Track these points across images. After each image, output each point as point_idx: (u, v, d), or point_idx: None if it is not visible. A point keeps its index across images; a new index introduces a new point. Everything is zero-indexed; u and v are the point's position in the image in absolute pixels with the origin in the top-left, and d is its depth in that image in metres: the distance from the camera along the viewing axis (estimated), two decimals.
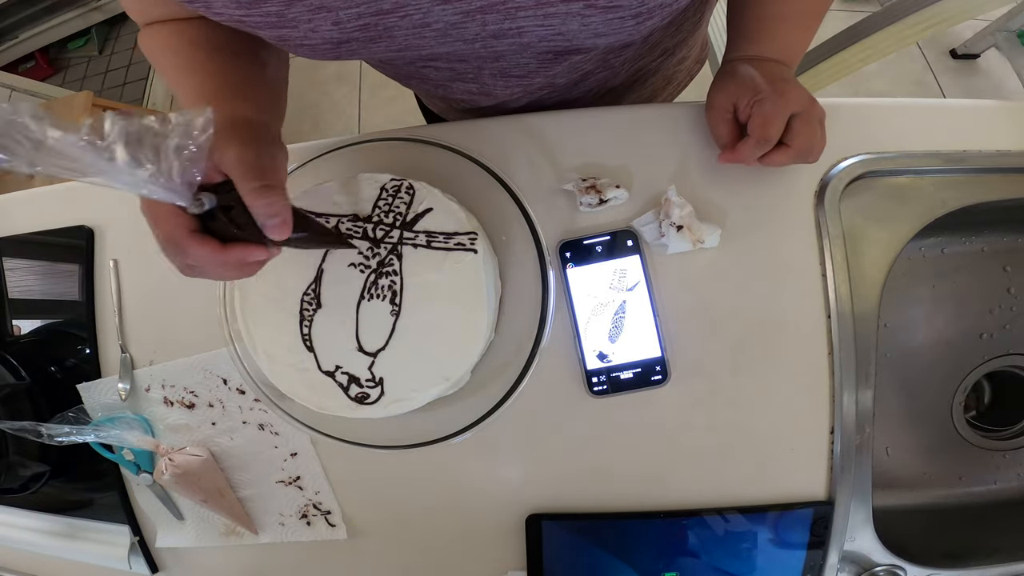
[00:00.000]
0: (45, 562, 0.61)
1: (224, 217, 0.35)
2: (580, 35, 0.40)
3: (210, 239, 0.35)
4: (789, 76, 0.50)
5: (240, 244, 0.36)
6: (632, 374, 0.53)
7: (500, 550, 0.55)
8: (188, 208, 0.33)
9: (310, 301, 0.49)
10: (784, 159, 0.48)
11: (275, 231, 0.35)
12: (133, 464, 0.57)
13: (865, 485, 0.53)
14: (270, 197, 0.35)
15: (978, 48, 1.68)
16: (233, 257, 0.36)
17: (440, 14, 0.39)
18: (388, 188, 0.50)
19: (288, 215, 0.36)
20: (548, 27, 0.40)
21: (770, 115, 0.46)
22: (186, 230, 0.35)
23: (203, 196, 0.34)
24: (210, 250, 0.35)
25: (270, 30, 0.39)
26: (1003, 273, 0.70)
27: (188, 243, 0.35)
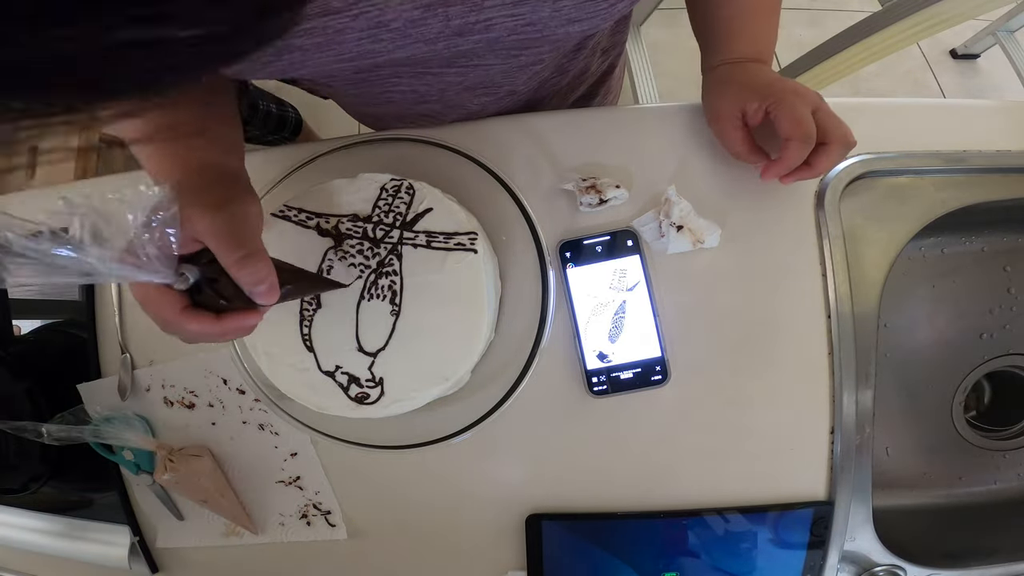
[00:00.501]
0: (45, 562, 0.61)
1: (210, 290, 0.35)
2: (552, 23, 0.38)
3: (203, 314, 0.35)
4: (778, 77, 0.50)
5: (233, 313, 0.36)
6: (632, 374, 0.53)
7: (500, 550, 0.55)
8: (173, 285, 0.33)
9: (310, 301, 0.49)
10: (834, 157, 0.46)
11: (263, 297, 0.35)
12: (133, 464, 0.57)
13: (865, 485, 0.53)
14: (253, 266, 0.34)
15: (978, 48, 1.68)
16: (230, 327, 0.36)
17: (399, 10, 0.35)
18: (388, 188, 0.50)
19: (273, 278, 0.35)
20: (517, 17, 0.37)
21: (800, 113, 0.45)
22: (178, 308, 0.34)
23: (185, 270, 0.33)
24: (206, 325, 0.35)
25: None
26: (1003, 273, 0.70)
27: (182, 321, 0.34)
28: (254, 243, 0.35)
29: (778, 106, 0.46)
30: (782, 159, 0.47)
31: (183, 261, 0.33)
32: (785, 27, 1.88)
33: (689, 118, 0.56)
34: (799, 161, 0.46)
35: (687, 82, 1.40)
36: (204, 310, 0.35)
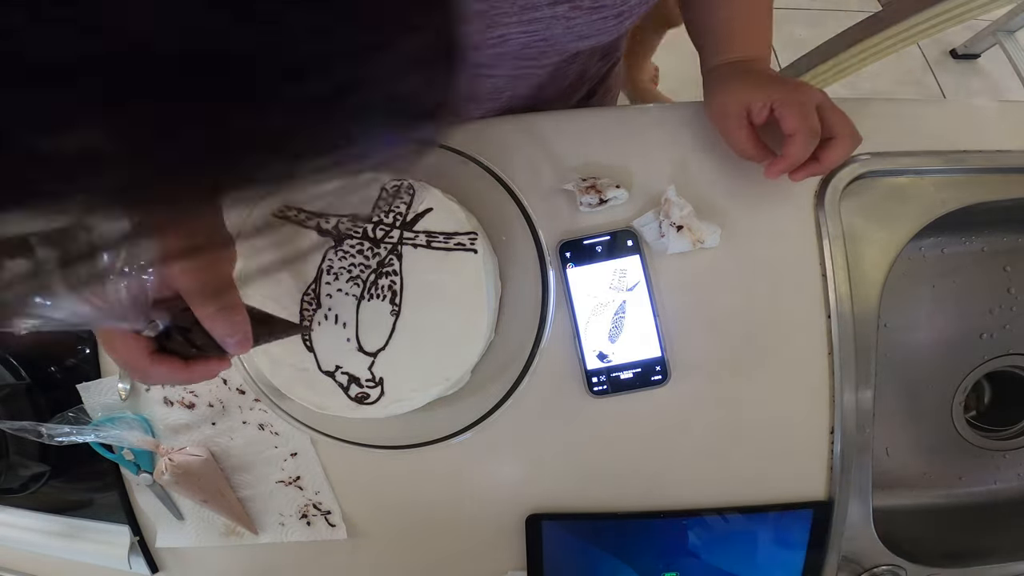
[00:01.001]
0: (45, 562, 0.61)
1: (181, 338, 0.34)
2: (563, 39, 0.39)
3: (170, 359, 0.34)
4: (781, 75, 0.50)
5: (202, 360, 0.35)
6: (632, 374, 0.53)
7: (500, 550, 0.55)
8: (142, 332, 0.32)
9: (310, 301, 0.49)
10: (843, 151, 0.46)
11: (236, 348, 0.34)
12: (133, 464, 0.57)
13: (865, 485, 0.53)
14: (229, 320, 0.33)
15: (978, 48, 1.68)
16: (200, 373, 0.35)
17: None
18: (388, 188, 0.50)
19: (248, 329, 0.34)
20: (531, 33, 0.38)
21: (806, 107, 0.45)
22: (146, 353, 0.33)
23: (156, 316, 0.32)
24: (174, 370, 0.34)
25: None
26: (1003, 273, 0.70)
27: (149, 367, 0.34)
28: (230, 295, 0.34)
29: (783, 102, 0.46)
30: (787, 154, 0.46)
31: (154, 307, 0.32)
32: (785, 27, 1.89)
33: (689, 118, 0.56)
34: (804, 156, 0.46)
35: (687, 82, 1.40)
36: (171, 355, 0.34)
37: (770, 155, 0.49)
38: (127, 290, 0.29)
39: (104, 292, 0.28)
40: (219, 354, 0.35)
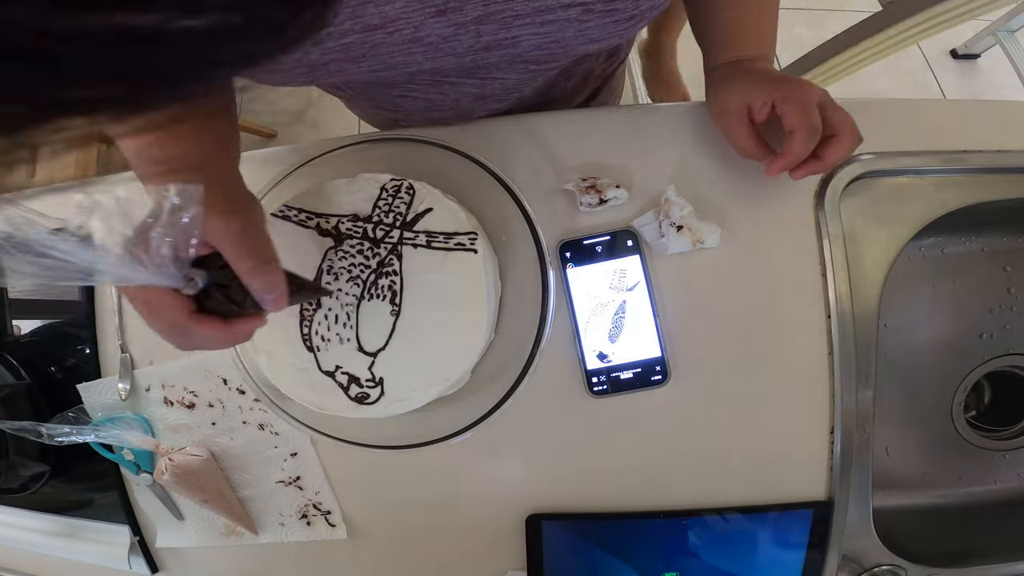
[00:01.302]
0: (45, 562, 0.61)
1: (221, 295, 0.34)
2: (574, 41, 0.40)
3: (212, 319, 0.34)
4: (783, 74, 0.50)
5: (243, 318, 0.35)
6: (632, 374, 0.53)
7: (500, 550, 0.55)
8: (182, 290, 0.32)
9: (310, 301, 0.49)
10: (844, 149, 0.46)
11: (274, 305, 0.35)
12: (133, 464, 0.57)
13: (865, 485, 0.53)
14: (267, 274, 0.34)
15: (978, 48, 1.68)
16: (240, 332, 0.35)
17: (434, 27, 0.37)
18: (388, 188, 0.50)
19: (284, 287, 0.35)
20: (544, 35, 0.39)
21: (807, 104, 0.45)
22: (186, 313, 0.34)
23: (195, 274, 0.33)
24: (215, 329, 0.34)
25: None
26: (1003, 273, 0.70)
27: (192, 326, 0.34)
28: (269, 250, 0.35)
29: (784, 99, 0.46)
30: (787, 152, 0.46)
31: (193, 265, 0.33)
32: (785, 27, 1.88)
33: (689, 118, 0.56)
34: (805, 153, 0.46)
35: (688, 82, 1.40)
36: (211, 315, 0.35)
37: (771, 153, 0.49)
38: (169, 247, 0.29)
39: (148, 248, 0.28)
40: (257, 311, 0.35)
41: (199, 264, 0.34)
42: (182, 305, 0.34)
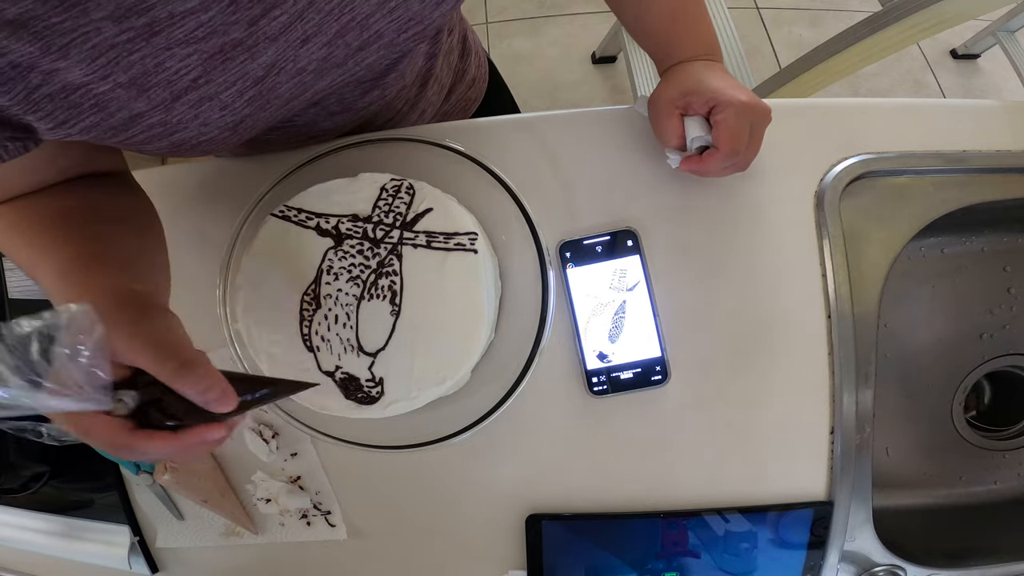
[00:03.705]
0: (45, 562, 0.61)
1: (156, 413, 0.31)
2: (423, 12, 0.42)
3: (158, 434, 0.32)
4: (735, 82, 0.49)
5: (193, 428, 0.32)
6: (632, 374, 0.53)
7: (500, 550, 0.55)
8: (113, 411, 0.30)
9: (310, 301, 0.49)
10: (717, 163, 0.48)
11: (219, 405, 0.31)
12: (133, 464, 0.57)
13: (865, 485, 0.53)
14: (195, 374, 0.31)
15: (978, 48, 1.68)
16: (191, 442, 0.32)
17: (307, 55, 0.39)
18: (388, 188, 0.50)
19: (224, 383, 0.32)
20: (397, 19, 0.41)
21: (736, 128, 0.47)
22: (126, 432, 0.31)
23: (123, 395, 0.30)
24: (164, 443, 0.31)
25: (160, 141, 0.38)
26: (1003, 273, 0.70)
27: (137, 443, 0.31)
28: (187, 351, 0.32)
29: (721, 111, 0.47)
30: (705, 161, 0.49)
31: (120, 387, 0.30)
32: (785, 27, 1.89)
33: None
34: (721, 172, 0.49)
35: None
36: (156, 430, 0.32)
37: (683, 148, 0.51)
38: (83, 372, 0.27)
39: (60, 378, 0.26)
40: (208, 417, 0.32)
41: (129, 384, 0.31)
42: (118, 425, 0.31)
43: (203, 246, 0.55)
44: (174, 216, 0.48)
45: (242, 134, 0.42)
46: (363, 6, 0.39)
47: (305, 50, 0.39)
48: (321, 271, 0.49)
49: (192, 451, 0.33)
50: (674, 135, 0.50)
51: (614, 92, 1.68)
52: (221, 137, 0.41)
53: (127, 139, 0.37)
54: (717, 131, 0.47)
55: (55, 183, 0.42)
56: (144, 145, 0.38)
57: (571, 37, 1.72)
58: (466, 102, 0.71)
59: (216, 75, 0.36)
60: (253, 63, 0.37)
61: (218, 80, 0.37)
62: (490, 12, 1.75)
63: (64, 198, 0.42)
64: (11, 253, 0.40)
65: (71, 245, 0.38)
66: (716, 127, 0.47)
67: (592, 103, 1.68)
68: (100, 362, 0.28)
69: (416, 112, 0.60)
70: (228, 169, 0.59)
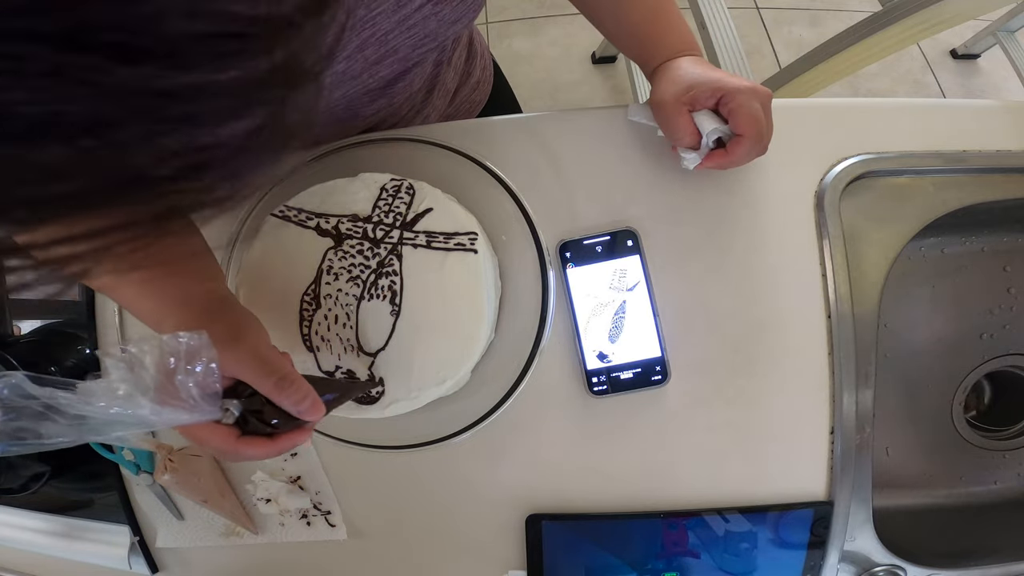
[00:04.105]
0: (45, 562, 0.61)
1: (256, 421, 0.36)
2: (439, 30, 0.44)
3: (258, 440, 0.36)
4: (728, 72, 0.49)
5: (286, 434, 0.37)
6: (632, 374, 0.53)
7: (500, 550, 0.55)
8: (222, 420, 0.34)
9: (310, 301, 0.49)
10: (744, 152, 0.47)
11: (309, 415, 0.36)
12: (133, 464, 0.57)
13: (865, 485, 0.53)
14: (291, 388, 0.35)
15: (978, 48, 1.68)
16: (287, 447, 0.37)
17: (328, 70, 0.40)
18: (388, 188, 0.50)
19: (314, 395, 0.36)
20: (414, 35, 0.43)
21: (756, 112, 0.46)
22: (232, 439, 0.35)
23: (229, 405, 0.35)
24: (264, 450, 0.36)
25: None
26: (1003, 273, 0.70)
27: (242, 450, 0.35)
28: (282, 366, 0.36)
29: (733, 99, 0.46)
30: (731, 152, 0.48)
31: (224, 397, 0.35)
32: (785, 27, 1.89)
33: None
34: (748, 158, 0.48)
35: None
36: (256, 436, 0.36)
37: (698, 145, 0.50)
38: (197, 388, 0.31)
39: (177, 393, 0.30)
40: (297, 425, 0.37)
41: (230, 394, 0.35)
42: (226, 433, 0.35)
43: None
44: None
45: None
46: (384, 22, 0.40)
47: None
48: (321, 271, 0.49)
49: (285, 451, 0.38)
50: (687, 133, 0.49)
51: (614, 92, 1.68)
52: None
53: None
54: (737, 119, 0.46)
55: None
56: None
57: (571, 37, 1.72)
58: (470, 104, 0.71)
59: None
60: None
61: None
62: (490, 12, 1.75)
63: None
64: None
65: None
66: (735, 115, 0.46)
67: (592, 103, 1.68)
68: (212, 381, 0.32)
69: (420, 118, 0.61)
70: None
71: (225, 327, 0.36)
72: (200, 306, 0.38)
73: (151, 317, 0.39)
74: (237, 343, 0.35)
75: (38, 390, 0.26)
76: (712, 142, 0.49)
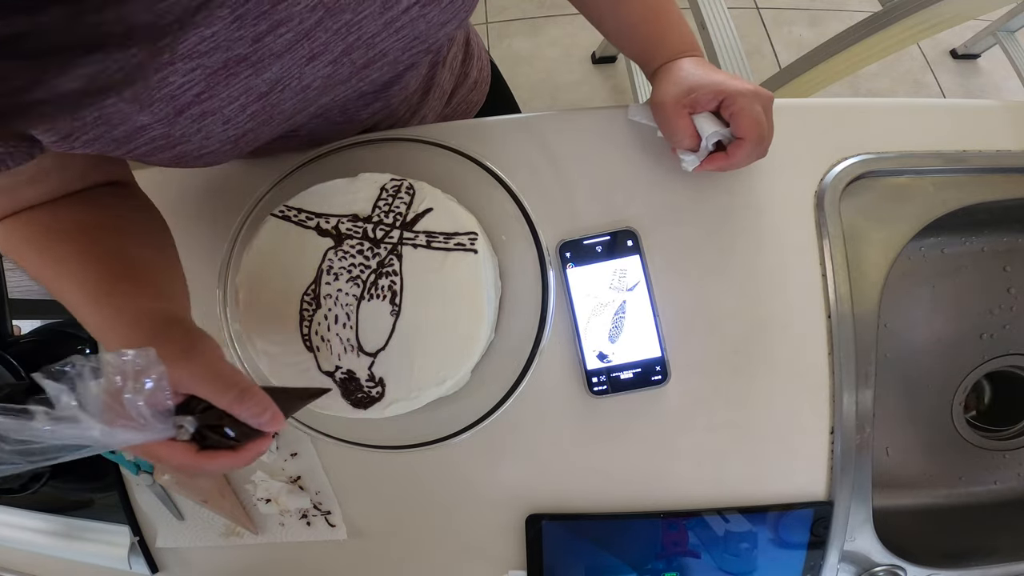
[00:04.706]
0: (45, 562, 0.61)
1: (214, 435, 0.35)
2: (429, 32, 0.43)
3: (221, 453, 0.35)
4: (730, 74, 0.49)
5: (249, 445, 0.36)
6: (632, 374, 0.53)
7: (500, 550, 0.55)
8: (177, 437, 0.33)
9: (310, 301, 0.49)
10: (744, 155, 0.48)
11: (270, 426, 0.35)
12: (133, 464, 0.57)
13: (865, 485, 0.53)
14: (251, 400, 0.34)
15: (978, 48, 1.68)
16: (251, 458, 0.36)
17: (313, 72, 0.40)
18: (388, 188, 0.50)
19: (274, 406, 0.35)
20: (402, 38, 0.42)
21: (757, 115, 0.46)
22: (191, 454, 0.34)
23: (183, 422, 0.34)
24: (227, 462, 0.35)
25: (163, 153, 0.38)
26: (1003, 273, 0.70)
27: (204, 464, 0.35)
28: (240, 379, 0.35)
29: (735, 102, 0.46)
30: (732, 155, 0.48)
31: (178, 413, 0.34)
32: (785, 27, 1.89)
33: None
34: (749, 161, 0.48)
35: None
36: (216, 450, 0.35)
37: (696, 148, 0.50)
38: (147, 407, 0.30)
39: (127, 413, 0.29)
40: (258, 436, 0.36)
41: (183, 410, 0.34)
42: (184, 449, 0.34)
43: (203, 246, 0.55)
44: (174, 216, 0.48)
45: (243, 147, 0.42)
46: (369, 26, 0.39)
47: (311, 68, 0.39)
48: (321, 271, 0.49)
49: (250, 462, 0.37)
50: (687, 135, 0.49)
51: (614, 92, 1.68)
52: (223, 150, 0.41)
53: (130, 151, 0.37)
54: (739, 121, 0.46)
55: (66, 194, 0.42)
56: (147, 157, 0.39)
57: (571, 37, 1.72)
58: (467, 105, 0.71)
59: (220, 90, 0.37)
60: (257, 79, 0.37)
61: (221, 95, 0.37)
62: (490, 12, 1.75)
63: (80, 211, 0.42)
64: (30, 269, 0.41)
65: (93, 263, 0.39)
66: (736, 118, 0.46)
67: (592, 103, 1.68)
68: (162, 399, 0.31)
69: (417, 119, 0.60)
70: (228, 169, 0.58)
71: (176, 346, 0.35)
72: (150, 325, 0.37)
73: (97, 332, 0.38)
74: (190, 359, 0.34)
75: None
76: (712, 145, 0.49)
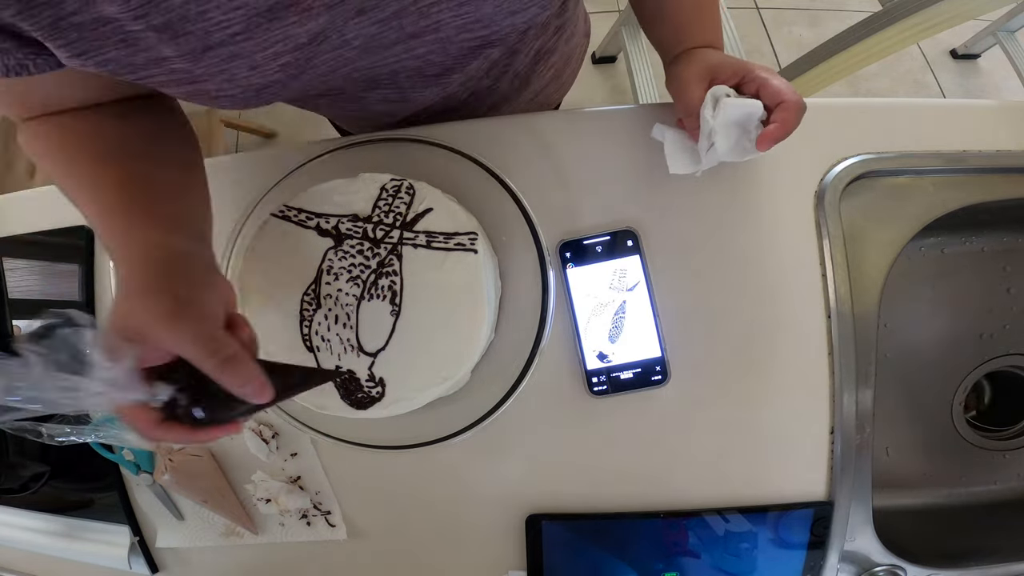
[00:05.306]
0: (45, 562, 0.61)
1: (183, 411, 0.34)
2: (495, 17, 0.40)
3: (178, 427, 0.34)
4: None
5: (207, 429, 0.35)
6: (632, 374, 0.53)
7: (500, 550, 0.55)
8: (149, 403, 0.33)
9: (310, 301, 0.49)
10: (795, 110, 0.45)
11: (256, 397, 0.34)
12: (133, 464, 0.57)
13: (865, 485, 0.53)
14: (233, 370, 0.33)
15: (978, 48, 1.68)
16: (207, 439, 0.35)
17: (356, 28, 0.38)
18: (388, 188, 0.50)
19: (261, 378, 0.34)
20: (464, 15, 0.39)
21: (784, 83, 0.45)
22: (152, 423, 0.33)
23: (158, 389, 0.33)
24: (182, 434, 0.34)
25: (178, 87, 0.37)
26: (1003, 273, 0.70)
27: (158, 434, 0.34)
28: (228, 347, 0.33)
29: (756, 74, 0.46)
30: (782, 122, 0.45)
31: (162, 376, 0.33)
32: (785, 27, 1.89)
33: None
34: (797, 124, 0.45)
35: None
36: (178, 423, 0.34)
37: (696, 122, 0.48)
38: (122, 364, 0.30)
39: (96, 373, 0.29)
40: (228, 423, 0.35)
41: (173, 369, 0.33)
42: (148, 416, 0.33)
43: None
44: None
45: (265, 99, 0.40)
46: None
47: (356, 22, 0.37)
48: (321, 271, 0.49)
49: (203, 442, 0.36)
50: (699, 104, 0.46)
51: (614, 92, 1.68)
52: (243, 96, 0.39)
53: (144, 77, 0.35)
54: (768, 87, 0.45)
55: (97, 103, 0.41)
56: (160, 87, 0.37)
57: None
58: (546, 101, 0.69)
59: (258, 33, 0.34)
60: (300, 28, 0.35)
61: (258, 39, 0.34)
62: None
63: (109, 126, 0.41)
64: (55, 177, 0.41)
65: (111, 188, 0.39)
66: (765, 85, 0.45)
67: (592, 103, 1.68)
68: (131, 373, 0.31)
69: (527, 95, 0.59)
70: (228, 168, 0.59)
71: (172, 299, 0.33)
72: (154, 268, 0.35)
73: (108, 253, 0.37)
74: (179, 319, 0.33)
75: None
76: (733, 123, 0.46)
